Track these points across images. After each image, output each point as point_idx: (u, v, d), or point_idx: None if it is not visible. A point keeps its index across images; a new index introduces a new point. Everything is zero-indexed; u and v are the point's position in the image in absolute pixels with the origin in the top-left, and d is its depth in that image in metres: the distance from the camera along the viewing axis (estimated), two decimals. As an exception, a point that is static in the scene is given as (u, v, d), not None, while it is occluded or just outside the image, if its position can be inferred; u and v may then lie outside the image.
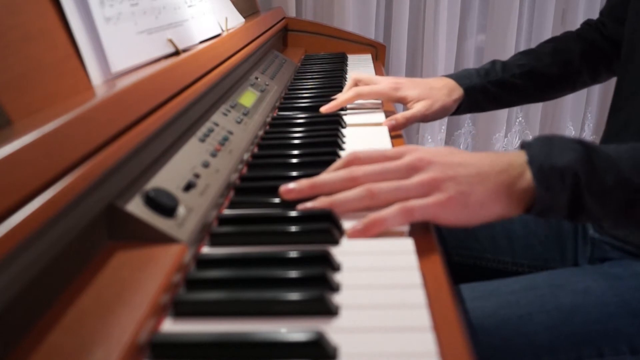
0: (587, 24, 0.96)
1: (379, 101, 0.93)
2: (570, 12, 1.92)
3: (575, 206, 0.48)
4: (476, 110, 0.94)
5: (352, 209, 0.50)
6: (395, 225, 0.48)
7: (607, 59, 0.91)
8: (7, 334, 0.32)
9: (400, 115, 0.82)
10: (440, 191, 0.48)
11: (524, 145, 0.51)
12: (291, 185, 0.53)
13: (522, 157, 0.50)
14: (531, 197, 0.48)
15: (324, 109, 0.86)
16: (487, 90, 0.89)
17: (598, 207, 0.48)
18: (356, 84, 0.89)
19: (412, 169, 0.50)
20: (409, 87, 0.86)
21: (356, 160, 0.53)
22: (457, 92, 0.87)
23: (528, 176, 0.48)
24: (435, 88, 0.86)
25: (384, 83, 0.87)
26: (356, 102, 0.90)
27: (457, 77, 0.89)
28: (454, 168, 0.50)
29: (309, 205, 0.51)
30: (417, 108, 0.83)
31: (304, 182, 0.53)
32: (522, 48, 1.96)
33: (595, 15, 1.96)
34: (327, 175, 0.53)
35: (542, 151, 0.49)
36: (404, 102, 0.86)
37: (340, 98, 0.86)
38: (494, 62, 0.92)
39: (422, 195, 0.48)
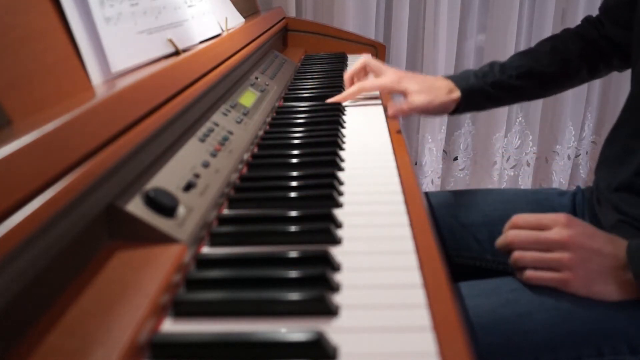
0: (587, 20, 0.95)
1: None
2: (570, 12, 1.92)
3: None
4: (475, 110, 0.95)
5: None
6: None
7: (606, 57, 0.91)
8: (7, 334, 0.32)
9: (405, 103, 0.86)
10: (569, 271, 0.59)
11: (629, 249, 0.59)
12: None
13: (628, 262, 0.58)
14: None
15: (329, 101, 0.93)
16: (484, 91, 0.90)
17: None
18: (364, 67, 0.96)
19: (558, 245, 0.60)
20: (411, 81, 0.89)
21: (515, 224, 0.64)
22: (456, 93, 0.88)
23: (633, 279, 0.58)
24: (436, 86, 0.88)
25: (388, 75, 0.91)
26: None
27: (456, 78, 0.90)
28: (589, 261, 0.59)
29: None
30: (419, 100, 0.86)
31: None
32: (522, 48, 1.95)
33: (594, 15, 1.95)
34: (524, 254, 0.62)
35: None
36: (405, 94, 0.88)
37: (344, 92, 0.94)
38: (492, 64, 0.92)
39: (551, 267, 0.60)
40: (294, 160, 0.66)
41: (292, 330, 0.35)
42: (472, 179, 2.04)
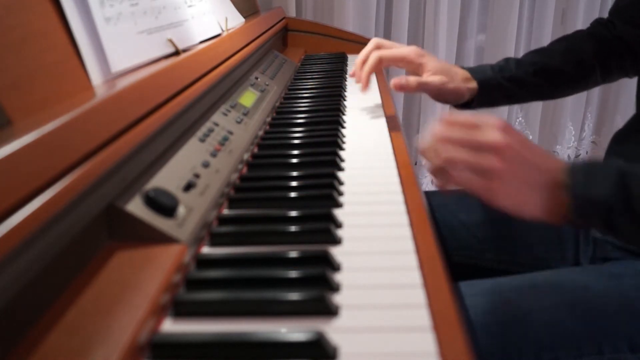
0: (598, 22, 0.95)
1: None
2: (570, 12, 1.92)
3: (609, 229, 0.52)
4: (488, 105, 0.93)
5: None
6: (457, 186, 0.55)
7: (618, 58, 0.90)
8: (7, 334, 0.32)
9: (414, 78, 0.82)
10: (496, 180, 0.53)
11: (570, 170, 0.54)
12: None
13: (564, 178, 0.53)
14: (568, 217, 0.52)
15: (355, 79, 0.87)
16: (500, 85, 0.89)
17: (633, 231, 0.51)
18: (378, 46, 0.88)
19: (488, 148, 0.54)
20: (432, 59, 0.86)
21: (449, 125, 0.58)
22: (472, 83, 0.87)
23: (567, 200, 0.52)
24: (453, 71, 0.87)
25: (408, 47, 0.87)
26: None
27: (472, 70, 0.89)
28: (518, 165, 0.54)
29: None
30: (434, 79, 0.83)
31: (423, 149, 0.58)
32: (522, 48, 1.95)
33: (594, 15, 1.95)
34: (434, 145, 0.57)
35: (580, 180, 0.52)
36: (422, 70, 0.85)
37: (364, 68, 0.85)
38: (507, 59, 0.92)
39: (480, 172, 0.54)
40: (294, 160, 0.66)
41: (292, 330, 0.35)
42: (472, 179, 2.04)
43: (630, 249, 0.73)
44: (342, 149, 0.72)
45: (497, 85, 0.89)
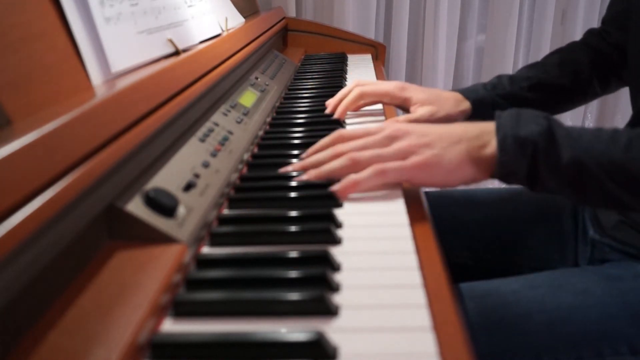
0: (591, 32, 0.93)
1: (380, 107, 0.93)
2: (570, 12, 1.92)
3: (532, 175, 0.52)
4: None
5: (338, 176, 0.56)
6: (371, 186, 0.54)
7: (615, 66, 0.88)
8: (7, 334, 0.32)
9: (403, 117, 0.79)
10: (416, 155, 0.54)
11: (496, 116, 0.55)
12: (289, 168, 0.61)
13: (492, 126, 0.54)
14: (495, 162, 0.53)
15: (328, 111, 0.84)
16: (495, 103, 0.85)
17: (552, 180, 0.52)
18: (359, 85, 0.84)
19: (391, 139, 0.56)
20: (416, 90, 0.82)
21: (340, 138, 0.59)
22: (464, 104, 0.83)
23: (494, 143, 0.53)
24: (442, 97, 0.83)
25: (390, 83, 0.84)
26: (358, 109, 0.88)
27: (464, 91, 0.86)
28: (429, 136, 0.55)
29: (304, 177, 0.58)
30: (420, 112, 0.79)
31: (296, 165, 0.61)
32: (522, 48, 1.95)
33: (595, 15, 1.95)
34: (315, 156, 0.59)
35: (509, 122, 0.53)
36: (408, 104, 0.82)
37: (343, 101, 0.83)
38: (500, 77, 0.89)
39: (400, 160, 0.54)
40: (294, 160, 0.66)
41: (292, 330, 0.35)
42: (472, 179, 2.04)
43: (627, 251, 0.73)
44: (342, 149, 0.72)
45: (492, 103, 0.84)
